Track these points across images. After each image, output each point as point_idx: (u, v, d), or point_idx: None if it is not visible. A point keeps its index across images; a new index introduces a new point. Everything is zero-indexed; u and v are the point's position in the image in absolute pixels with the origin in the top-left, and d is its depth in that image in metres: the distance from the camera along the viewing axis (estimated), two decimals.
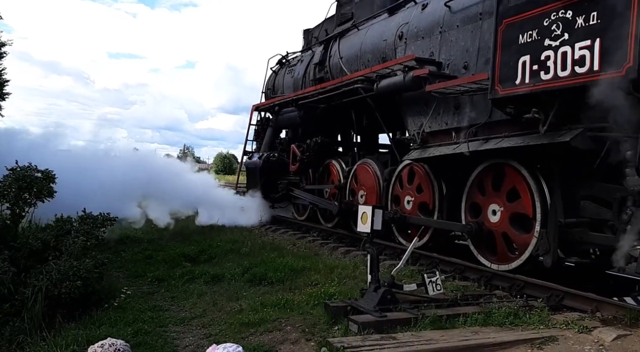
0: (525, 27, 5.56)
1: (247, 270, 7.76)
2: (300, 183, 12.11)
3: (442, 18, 7.89)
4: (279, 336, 5.06)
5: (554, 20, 5.24)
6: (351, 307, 5.22)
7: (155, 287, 7.60)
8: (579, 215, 5.68)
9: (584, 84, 4.92)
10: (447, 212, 7.70)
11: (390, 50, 9.14)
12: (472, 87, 6.79)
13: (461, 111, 7.34)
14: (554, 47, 5.23)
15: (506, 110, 6.23)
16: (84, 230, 7.64)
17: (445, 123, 7.66)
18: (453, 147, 7.16)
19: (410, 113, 8.51)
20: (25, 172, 7.23)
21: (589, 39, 4.90)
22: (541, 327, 4.78)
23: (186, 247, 10.08)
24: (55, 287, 6.11)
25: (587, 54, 4.91)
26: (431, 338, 4.48)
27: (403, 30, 8.81)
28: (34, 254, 6.71)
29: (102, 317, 5.98)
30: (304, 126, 12.12)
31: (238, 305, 6.22)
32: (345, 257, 8.44)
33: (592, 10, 4.89)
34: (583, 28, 4.96)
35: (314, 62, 12.08)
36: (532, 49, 5.46)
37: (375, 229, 5.52)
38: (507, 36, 5.79)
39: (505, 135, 6.33)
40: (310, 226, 11.39)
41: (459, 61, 7.46)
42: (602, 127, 5.24)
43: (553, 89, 5.26)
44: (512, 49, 5.71)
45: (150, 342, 5.12)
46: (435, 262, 7.36)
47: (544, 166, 6.12)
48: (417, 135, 8.21)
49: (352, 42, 10.66)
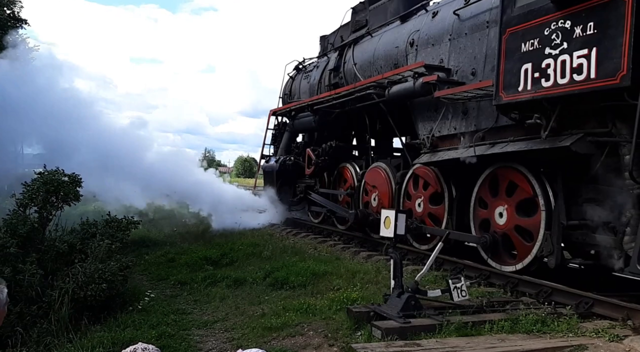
0: (527, 36, 5.78)
1: (269, 274, 7.77)
2: (315, 186, 12.36)
3: (451, 26, 8.10)
4: (301, 340, 5.05)
5: (553, 29, 5.46)
6: (374, 312, 5.16)
7: (178, 291, 7.68)
8: (582, 217, 5.82)
9: (581, 91, 5.13)
10: (456, 215, 7.81)
11: (402, 57, 9.36)
12: (478, 93, 7.02)
13: (469, 116, 7.56)
14: (553, 55, 5.45)
15: (511, 116, 6.38)
16: (109, 233, 7.76)
17: (454, 128, 7.85)
18: (461, 151, 7.39)
19: (420, 118, 8.71)
20: (53, 176, 7.37)
21: (586, 48, 5.11)
22: (570, 335, 4.65)
23: (208, 250, 10.17)
24: (82, 290, 6.20)
25: (584, 63, 5.11)
26: (456, 345, 4.40)
27: (414, 37, 9.05)
28: (60, 256, 6.84)
29: (127, 319, 6.06)
30: (319, 131, 12.44)
31: (260, 309, 6.23)
32: (367, 262, 8.38)
33: (589, 20, 5.10)
34: (581, 37, 5.18)
35: (329, 68, 12.34)
36: (533, 57, 5.68)
37: (398, 234, 5.47)
38: (510, 44, 6.03)
39: (510, 140, 6.52)
40: (331, 230, 11.37)
41: (467, 68, 7.66)
42: (601, 133, 5.42)
43: (553, 95, 5.46)
44: (515, 56, 5.93)
45: (173, 346, 5.16)
46: (460, 267, 7.25)
47: (548, 170, 6.27)
48: (426, 140, 8.40)
49: (365, 48, 10.87)
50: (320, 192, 12.01)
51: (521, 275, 6.32)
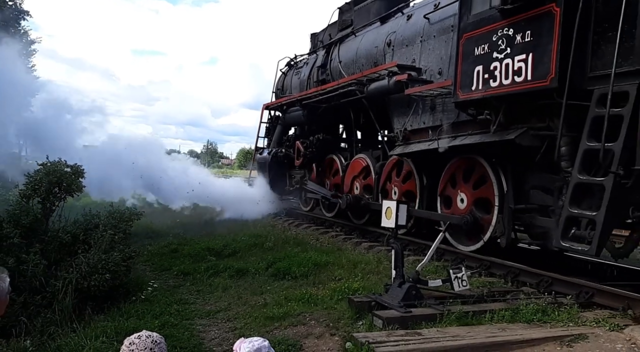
0: (479, 41, 6.49)
1: (271, 264, 7.81)
2: (304, 176, 13.14)
3: (422, 28, 8.87)
4: (303, 330, 5.08)
5: (500, 36, 6.17)
6: (375, 302, 5.20)
7: (180, 281, 7.72)
8: (529, 202, 6.57)
9: (521, 91, 5.87)
10: (426, 200, 8.66)
11: (381, 56, 10.12)
12: (443, 91, 7.79)
13: (436, 112, 8.32)
14: (500, 59, 6.16)
15: (468, 112, 7.15)
16: (112, 224, 7.78)
17: (424, 122, 8.64)
18: (428, 143, 8.17)
19: (395, 113, 9.47)
20: (56, 167, 7.39)
21: (524, 53, 5.81)
22: (571, 325, 4.68)
23: (210, 241, 10.21)
24: (85, 280, 6.23)
25: (523, 66, 5.82)
26: (457, 334, 4.42)
27: (391, 38, 9.84)
28: (64, 247, 6.87)
29: (130, 309, 6.10)
30: (308, 124, 13.14)
31: (262, 299, 6.27)
32: (369, 253, 8.42)
33: (527, 29, 5.80)
34: (521, 44, 5.88)
35: (317, 65, 12.99)
36: (484, 60, 6.39)
37: (399, 224, 5.49)
38: (466, 48, 6.72)
39: (468, 134, 7.26)
40: (333, 221, 11.44)
41: (435, 67, 8.42)
42: (541, 127, 6.13)
43: (499, 94, 6.19)
44: (470, 59, 6.64)
45: (176, 335, 5.19)
46: (461, 258, 7.28)
47: (499, 160, 7.04)
48: (400, 133, 9.16)
49: (349, 47, 11.61)
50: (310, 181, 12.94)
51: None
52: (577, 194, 5.26)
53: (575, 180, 5.23)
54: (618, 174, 4.81)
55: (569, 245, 5.23)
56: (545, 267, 6.35)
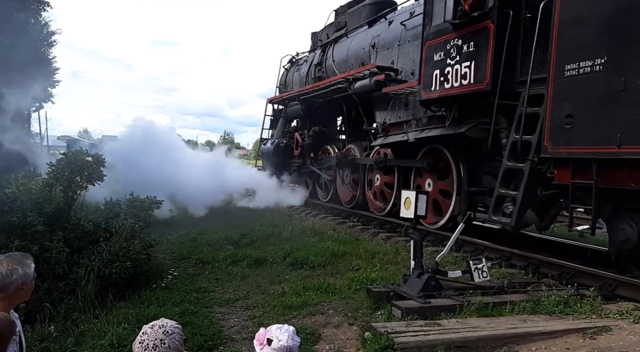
0: (437, 49, 7.63)
1: (289, 254, 7.83)
2: (303, 164, 14.50)
3: (400, 34, 10.10)
4: (321, 319, 5.10)
5: (452, 45, 7.31)
6: (394, 292, 5.19)
7: (199, 269, 7.80)
8: (481, 186, 7.58)
9: (466, 92, 7.06)
10: (402, 185, 9.68)
11: (367, 57, 11.39)
12: (413, 90, 8.80)
13: (409, 108, 9.55)
14: (451, 64, 7.31)
15: (431, 109, 8.48)
16: (132, 213, 7.87)
17: (399, 117, 9.89)
18: (401, 135, 9.33)
19: (377, 108, 10.75)
20: (77, 156, 7.47)
21: (469, 61, 6.99)
22: (593, 317, 4.61)
23: (228, 230, 10.29)
24: (107, 267, 6.32)
25: (468, 71, 7.00)
26: (477, 325, 4.39)
27: (375, 41, 11.06)
28: (86, 235, 6.95)
29: (151, 297, 6.18)
30: (306, 117, 14.44)
31: (280, 288, 6.29)
32: (387, 243, 8.39)
33: (471, 40, 6.98)
34: (466, 53, 7.05)
35: (314, 63, 14.17)
36: (440, 65, 7.55)
37: (419, 215, 5.45)
38: (428, 54, 7.88)
39: (432, 127, 8.46)
40: (350, 212, 11.44)
41: (409, 69, 9.59)
42: (487, 122, 7.00)
43: (451, 95, 7.37)
44: (430, 64, 7.77)
45: (196, 323, 5.25)
46: (480, 249, 7.22)
47: (457, 150, 8.05)
48: (380, 126, 10.45)
49: (342, 47, 12.84)
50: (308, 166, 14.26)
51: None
52: (506, 178, 6.38)
53: (504, 166, 6.38)
54: (533, 161, 5.82)
55: (497, 219, 6.39)
56: (565, 258, 6.28)
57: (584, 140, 5.21)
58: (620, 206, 5.36)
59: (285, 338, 1.93)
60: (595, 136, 5.08)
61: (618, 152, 4.84)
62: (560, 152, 5.47)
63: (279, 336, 1.93)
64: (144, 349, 1.73)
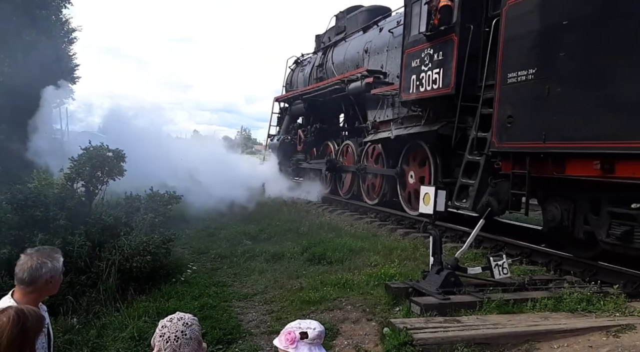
0: (414, 56, 8.68)
1: (306, 249, 7.84)
2: (305, 159, 15.65)
3: (388, 40, 11.19)
4: (339, 314, 5.09)
5: (425, 54, 8.32)
6: (413, 288, 5.16)
7: (218, 264, 7.85)
8: (453, 176, 8.21)
9: (437, 95, 8.04)
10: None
11: (361, 60, 12.50)
12: (397, 92, 9.73)
13: (395, 107, 10.52)
14: (425, 70, 8.32)
15: (412, 109, 9.57)
16: (152, 207, 7.95)
17: (387, 115, 10.88)
18: (387, 132, 10.31)
19: (369, 107, 11.78)
20: (98, 152, 7.58)
21: (438, 68, 7.96)
22: (617, 315, 4.52)
23: (246, 226, 10.33)
24: (127, 261, 6.39)
25: (437, 77, 7.97)
26: (497, 322, 4.34)
27: (368, 46, 12.17)
28: (106, 229, 7.03)
29: (170, 291, 6.24)
30: (309, 115, 15.59)
31: (298, 283, 6.30)
32: (405, 239, 8.34)
33: (440, 50, 7.94)
34: (436, 60, 8.02)
35: (316, 65, 15.29)
36: (416, 71, 8.58)
37: (438, 211, 5.40)
38: (407, 61, 8.95)
39: (412, 125, 9.50)
40: (368, 208, 11.41)
41: (395, 72, 10.37)
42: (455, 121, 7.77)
43: (425, 97, 8.44)
44: (409, 69, 8.84)
45: (215, 316, 5.28)
46: (501, 245, 7.14)
47: (433, 146, 8.98)
48: (370, 124, 11.52)
49: (340, 50, 13.96)
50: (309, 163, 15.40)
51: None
52: (467, 169, 7.21)
53: (466, 159, 7.20)
54: (487, 155, 6.66)
55: (459, 204, 7.23)
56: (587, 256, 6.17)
57: (520, 137, 6.03)
58: (550, 192, 6.21)
59: (316, 324, 1.93)
60: (528, 133, 5.90)
61: (544, 146, 5.60)
62: (504, 147, 6.28)
63: (309, 325, 1.92)
64: (166, 341, 1.74)
